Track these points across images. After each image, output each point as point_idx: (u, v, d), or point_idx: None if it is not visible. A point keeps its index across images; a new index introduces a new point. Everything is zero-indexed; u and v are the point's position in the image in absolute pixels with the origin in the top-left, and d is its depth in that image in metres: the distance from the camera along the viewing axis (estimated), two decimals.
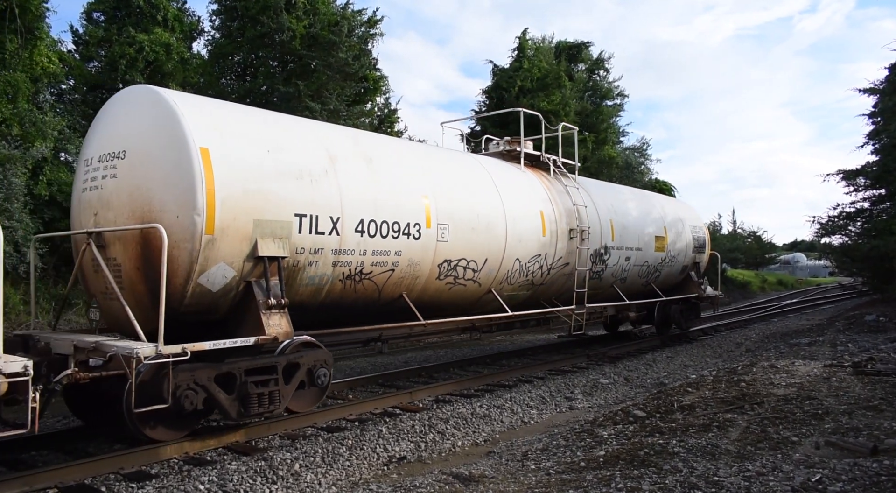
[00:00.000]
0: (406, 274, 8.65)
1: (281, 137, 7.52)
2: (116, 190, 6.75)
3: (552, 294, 11.90)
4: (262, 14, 19.42)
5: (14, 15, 14.16)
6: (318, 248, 7.46)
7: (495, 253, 9.97)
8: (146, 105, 6.89)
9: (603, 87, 33.27)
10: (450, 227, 9.14)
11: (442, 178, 9.49)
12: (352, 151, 8.30)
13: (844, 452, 5.37)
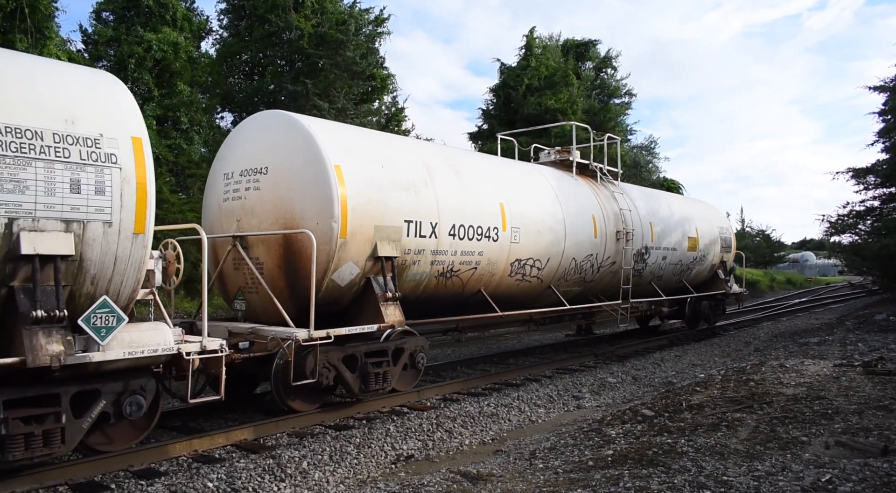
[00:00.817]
0: (485, 272, 9.95)
1: (390, 154, 8.85)
2: (260, 200, 8.08)
3: (599, 291, 13.06)
4: (270, 13, 19.46)
5: (24, 14, 14.24)
6: (420, 249, 8.80)
7: (556, 253, 11.22)
8: (283, 128, 8.19)
9: (610, 85, 33.21)
10: (521, 230, 10.39)
11: (513, 186, 10.71)
12: (443, 164, 9.63)
13: (855, 452, 5.34)
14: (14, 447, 5.16)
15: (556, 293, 11.60)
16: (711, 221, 17.37)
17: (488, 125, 28.92)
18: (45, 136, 5.23)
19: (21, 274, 5.14)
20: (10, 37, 14.24)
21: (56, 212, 5.24)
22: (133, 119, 5.83)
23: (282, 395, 7.56)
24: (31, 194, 5.09)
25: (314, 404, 7.92)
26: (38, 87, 5.41)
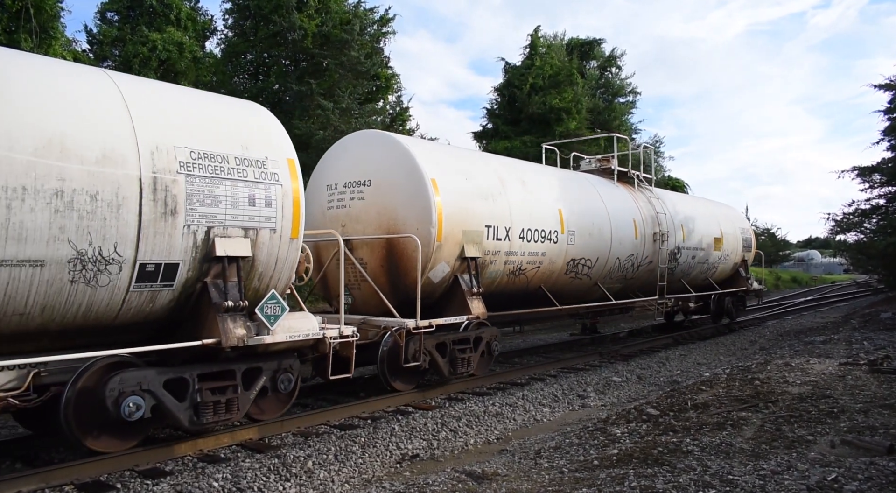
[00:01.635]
0: (546, 270, 11.24)
1: (470, 168, 10.16)
2: (364, 209, 9.45)
3: (637, 287, 14.28)
4: (275, 13, 19.48)
5: (29, 15, 14.29)
6: (497, 250, 10.11)
7: (603, 253, 12.49)
8: (382, 146, 9.56)
9: (615, 84, 33.17)
10: (576, 233, 11.69)
11: (567, 193, 11.96)
12: (512, 176, 10.90)
13: (860, 451, 5.33)
14: (206, 412, 6.40)
15: (602, 289, 12.91)
16: (734, 222, 18.72)
17: (493, 124, 28.91)
18: (230, 160, 6.54)
19: (213, 272, 6.40)
20: (16, 37, 14.29)
21: (239, 221, 6.56)
22: (286, 144, 7.22)
23: (387, 377, 8.80)
24: (222, 208, 6.40)
25: (411, 385, 9.15)
26: (222, 120, 6.79)
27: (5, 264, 5.10)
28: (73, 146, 5.44)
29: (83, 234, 5.50)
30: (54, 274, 5.41)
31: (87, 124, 5.60)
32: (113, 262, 5.73)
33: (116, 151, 5.70)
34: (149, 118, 6.05)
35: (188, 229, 6.17)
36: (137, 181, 5.80)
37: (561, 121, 26.66)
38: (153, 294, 6.16)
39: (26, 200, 5.15)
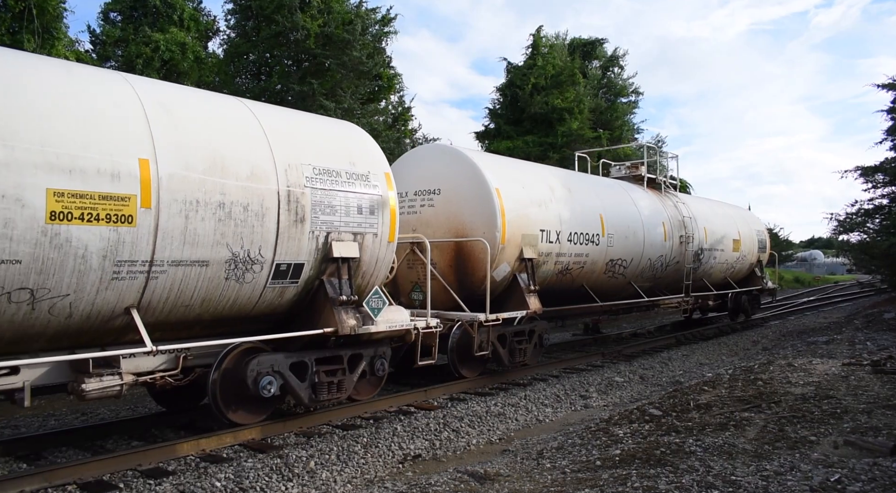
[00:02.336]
0: (588, 269, 12.23)
1: (525, 177, 11.18)
2: (434, 214, 10.50)
3: (664, 286, 15.12)
4: (277, 13, 19.48)
5: (32, 15, 14.31)
6: (549, 252, 11.07)
7: (637, 254, 13.45)
8: (450, 158, 10.61)
9: (617, 84, 33.11)
10: (614, 236, 12.66)
11: (606, 199, 12.97)
12: (560, 184, 11.92)
13: (863, 451, 5.32)
14: (322, 390, 7.44)
15: (635, 287, 13.88)
16: (750, 224, 19.88)
17: (495, 124, 28.89)
18: (342, 174, 7.60)
19: (329, 270, 7.46)
20: (19, 37, 14.32)
21: (350, 227, 7.60)
22: (382, 159, 8.32)
23: (456, 365, 9.93)
24: (338, 216, 7.46)
25: (476, 372, 10.29)
26: (333, 139, 7.94)
27: (181, 264, 6.17)
28: (231, 166, 6.50)
29: (237, 239, 6.56)
30: (214, 272, 6.45)
31: (239, 147, 6.70)
32: (257, 262, 6.79)
33: (261, 168, 6.77)
34: (281, 140, 7.16)
35: (312, 234, 7.22)
36: (276, 194, 6.87)
37: (563, 121, 26.62)
38: (283, 290, 7.22)
39: (199, 211, 6.20)
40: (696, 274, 16.07)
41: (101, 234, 5.60)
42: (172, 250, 6.06)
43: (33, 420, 8.29)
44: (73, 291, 5.56)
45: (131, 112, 6.02)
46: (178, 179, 6.07)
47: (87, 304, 5.72)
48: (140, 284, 5.97)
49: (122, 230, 5.73)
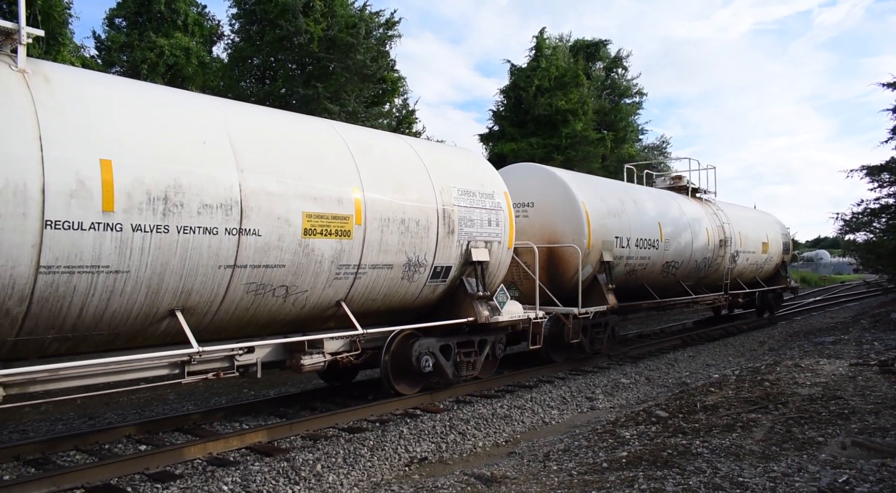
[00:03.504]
0: (649, 270, 14.06)
1: (601, 191, 13.10)
2: (529, 224, 12.27)
3: (704, 285, 16.99)
4: (281, 17, 19.51)
5: (38, 21, 14.37)
6: (621, 256, 12.90)
7: (686, 256, 15.35)
8: (541, 176, 12.55)
9: (621, 85, 33.05)
10: (670, 240, 14.51)
11: (661, 208, 14.86)
12: (628, 196, 13.83)
13: (872, 452, 5.30)
14: (461, 368, 9.42)
15: (684, 286, 15.81)
16: (775, 228, 21.98)
17: (499, 126, 28.87)
18: (477, 194, 9.54)
19: (467, 271, 9.30)
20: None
21: (483, 237, 9.51)
22: (501, 181, 10.30)
23: (548, 351, 11.59)
24: (476, 228, 9.37)
25: (562, 358, 12.04)
26: (467, 165, 9.96)
27: (376, 267, 8.03)
28: (407, 191, 8.43)
29: (412, 247, 8.43)
30: (395, 273, 8.32)
31: (411, 176, 8.64)
32: (422, 265, 8.65)
33: (425, 192, 8.70)
34: (436, 169, 9.08)
35: (458, 243, 9.07)
36: (436, 211, 8.77)
37: (567, 122, 26.58)
38: (435, 287, 9.07)
39: (389, 226, 8.08)
40: (732, 274, 17.96)
41: (332, 245, 7.43)
42: (372, 256, 7.94)
43: (41, 425, 8.32)
44: (310, 287, 7.39)
45: (344, 152, 7.93)
46: (376, 203, 7.95)
47: (316, 297, 7.56)
48: (349, 282, 7.84)
49: (344, 242, 7.56)
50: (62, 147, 5.43)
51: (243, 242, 6.56)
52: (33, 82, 5.64)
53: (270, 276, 6.89)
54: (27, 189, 5.15)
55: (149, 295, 6.06)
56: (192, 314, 6.47)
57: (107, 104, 6.01)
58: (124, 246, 5.73)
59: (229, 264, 6.51)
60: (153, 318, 6.25)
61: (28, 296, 5.30)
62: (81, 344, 6.06)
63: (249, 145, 6.88)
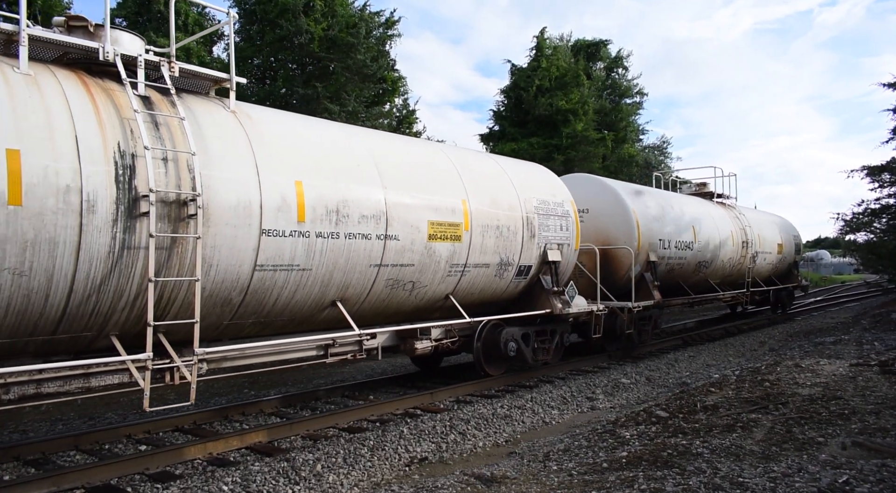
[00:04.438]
0: (684, 269, 15.66)
1: (647, 198, 14.63)
2: (584, 228, 13.14)
3: (728, 283, 18.47)
4: (281, 17, 19.51)
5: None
6: (663, 256, 14.40)
7: (715, 257, 16.95)
8: (596, 185, 14.00)
9: (622, 85, 33.03)
10: (702, 242, 16.15)
11: (696, 213, 16.52)
12: (667, 202, 15.45)
13: (872, 452, 5.29)
14: (538, 353, 10.82)
15: (712, 283, 17.47)
16: (788, 230, 23.47)
17: (499, 126, 28.85)
18: (550, 203, 11.11)
19: (543, 269, 10.85)
20: None
21: (556, 240, 11.07)
22: (567, 191, 11.84)
23: (605, 342, 13.04)
24: (550, 232, 10.92)
25: (614, 345, 13.38)
26: (541, 178, 11.68)
27: (477, 266, 9.58)
28: (499, 202, 10.06)
29: (504, 249, 10.01)
30: (490, 272, 9.89)
31: (501, 189, 10.27)
32: (510, 265, 10.23)
33: (513, 202, 10.35)
34: (519, 182, 10.74)
35: (538, 245, 10.65)
36: (521, 219, 10.38)
37: (568, 122, 26.56)
38: (518, 283, 10.63)
39: (487, 232, 9.67)
40: (751, 273, 19.55)
41: (447, 247, 8.98)
42: (475, 257, 9.49)
43: (41, 425, 8.32)
44: (429, 282, 8.93)
45: (452, 170, 9.55)
46: (478, 212, 9.53)
47: (433, 291, 9.09)
48: (457, 279, 9.36)
49: (456, 245, 9.12)
50: (271, 172, 6.90)
51: (387, 245, 8.13)
52: (242, 121, 7.12)
53: (403, 273, 8.45)
54: (251, 205, 6.62)
55: (321, 288, 7.54)
56: (347, 304, 7.95)
57: (292, 135, 7.59)
58: (310, 249, 7.22)
59: (376, 263, 8.07)
60: (320, 307, 7.74)
61: (245, 288, 6.77)
62: (267, 328, 7.45)
63: (388, 167, 8.45)
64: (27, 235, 5.18)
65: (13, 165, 5.12)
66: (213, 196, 6.32)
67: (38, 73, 5.75)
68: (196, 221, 6.09)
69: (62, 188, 5.35)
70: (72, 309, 5.63)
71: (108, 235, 5.61)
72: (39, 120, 5.41)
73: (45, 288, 5.37)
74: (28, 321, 5.43)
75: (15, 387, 5.46)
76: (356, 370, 12.57)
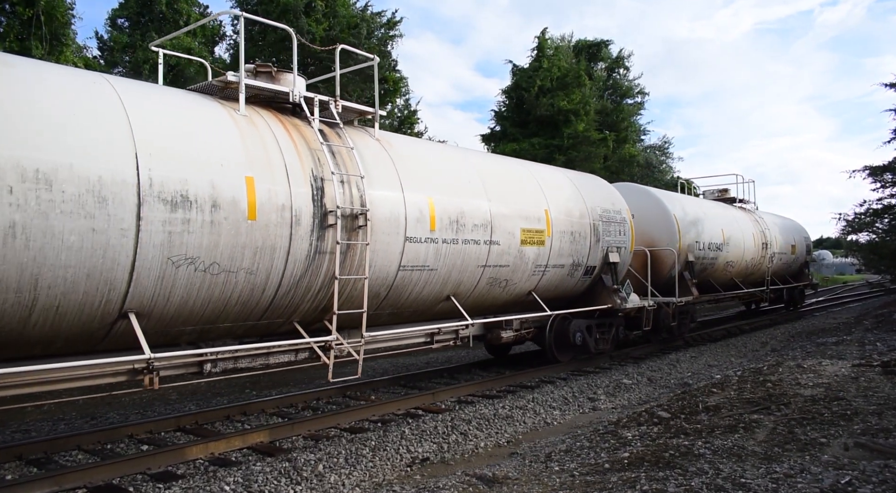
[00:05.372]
0: (715, 269, 17.11)
1: (685, 205, 16.23)
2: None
3: (748, 282, 19.87)
4: (282, 18, 19.53)
5: (40, 22, 14.39)
6: (699, 256, 15.85)
7: (740, 257, 18.38)
8: (640, 193, 15.44)
9: (623, 85, 33.04)
10: (730, 244, 17.54)
11: (724, 217, 18.11)
12: (700, 208, 17.07)
13: (874, 453, 5.29)
14: (599, 343, 12.30)
15: (737, 282, 18.95)
16: (800, 232, 24.72)
17: (501, 126, 28.85)
18: (611, 211, 12.61)
19: (605, 269, 12.31)
20: (27, 44, 14.39)
21: (615, 243, 12.57)
22: (623, 201, 13.34)
23: (651, 334, 14.55)
24: (611, 237, 12.37)
25: (658, 336, 14.86)
26: (600, 189, 13.02)
27: (554, 267, 11.02)
28: (572, 211, 11.54)
29: (575, 252, 11.50)
30: (564, 272, 11.39)
31: (572, 201, 11.72)
32: (580, 265, 11.71)
33: (583, 211, 11.85)
34: (586, 194, 12.21)
35: (602, 249, 12.11)
36: (589, 226, 11.85)
37: (569, 123, 26.57)
38: (584, 281, 12.11)
39: (563, 237, 11.09)
40: (770, 272, 20.99)
41: (534, 250, 10.46)
42: (553, 258, 10.91)
43: (43, 424, 8.33)
44: (519, 281, 10.39)
45: (535, 183, 11.04)
46: (557, 220, 10.99)
47: (520, 288, 10.56)
48: (539, 277, 10.83)
49: (540, 249, 10.58)
50: (411, 191, 8.41)
51: (491, 249, 9.60)
52: (385, 147, 8.64)
53: (500, 272, 9.90)
54: (399, 218, 8.15)
55: (441, 285, 9.02)
56: (458, 298, 9.40)
57: (422, 158, 9.17)
58: (437, 253, 8.69)
59: (482, 264, 9.54)
60: (438, 300, 9.20)
61: (390, 285, 8.28)
62: (396, 318, 8.90)
63: (491, 182, 9.94)
64: (257, 242, 6.57)
65: (250, 189, 6.54)
66: (374, 210, 7.78)
67: (250, 114, 7.20)
68: (365, 230, 7.61)
69: (279, 206, 6.76)
70: (276, 300, 7.05)
71: (307, 242, 7.06)
72: (260, 153, 6.81)
73: (263, 284, 6.77)
74: (248, 310, 6.85)
75: (220, 363, 6.83)
76: None
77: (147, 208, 5.72)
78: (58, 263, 5.26)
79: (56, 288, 5.31)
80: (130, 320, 5.86)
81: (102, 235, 5.47)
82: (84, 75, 6.19)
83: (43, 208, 5.14)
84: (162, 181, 5.85)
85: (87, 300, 5.55)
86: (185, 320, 6.44)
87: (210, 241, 6.18)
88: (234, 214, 6.34)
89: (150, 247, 5.76)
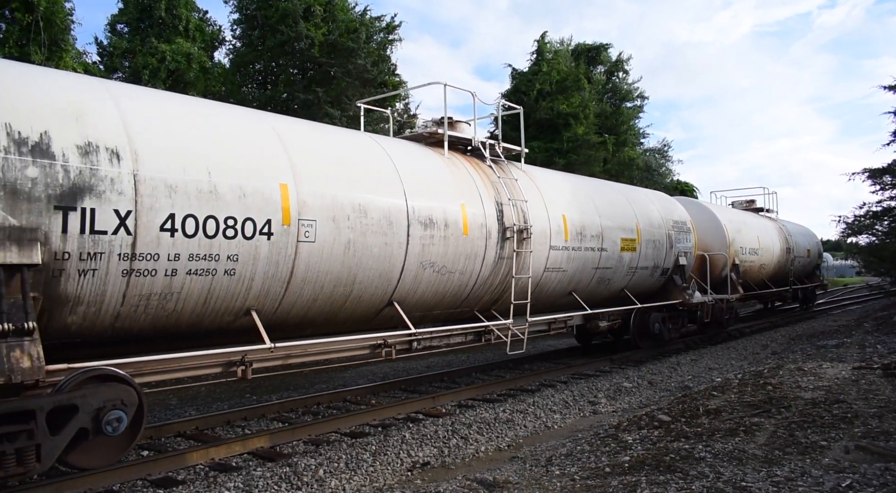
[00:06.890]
0: (752, 270, 19.39)
1: (731, 215, 18.82)
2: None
3: (774, 282, 21.98)
4: (282, 23, 19.56)
5: (40, 28, 14.42)
6: (742, 260, 18.24)
7: (771, 260, 20.99)
8: (693, 205, 17.80)
9: (622, 88, 33.04)
10: (763, 249, 20.14)
11: (757, 226, 20.67)
12: (740, 217, 19.58)
13: (875, 456, 5.28)
14: (671, 332, 14.97)
15: (767, 282, 21.40)
16: (812, 238, 27.22)
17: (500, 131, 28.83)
18: (679, 222, 15.03)
19: (674, 270, 14.56)
20: (26, 50, 14.43)
21: (683, 249, 14.81)
22: (686, 213, 15.62)
23: (707, 327, 16.63)
24: (681, 244, 14.75)
25: (711, 329, 17.07)
26: (666, 203, 15.30)
27: (642, 268, 13.31)
28: (653, 223, 13.82)
29: (656, 257, 13.72)
30: (647, 273, 13.64)
31: (655, 213, 14.12)
32: (658, 267, 13.90)
33: (661, 223, 14.14)
34: (661, 208, 14.54)
35: (674, 254, 14.31)
36: (665, 235, 14.19)
37: (569, 126, 26.60)
38: (660, 280, 14.29)
39: (648, 245, 13.38)
40: (792, 273, 23.25)
41: (629, 256, 12.78)
42: (641, 262, 13.21)
43: None
44: (617, 280, 12.88)
45: (625, 200, 13.45)
46: (644, 231, 13.24)
47: (616, 286, 12.99)
48: (630, 277, 13.09)
49: (632, 254, 12.84)
50: (551, 209, 10.81)
51: (601, 255, 11.86)
52: (529, 176, 11.11)
53: (605, 273, 12.18)
54: (546, 231, 10.50)
55: (567, 283, 11.42)
56: (577, 294, 11.76)
57: (554, 183, 11.64)
58: (568, 257, 11.08)
59: (595, 267, 11.83)
60: (562, 295, 11.53)
61: (537, 283, 10.47)
62: (533, 308, 10.35)
63: (599, 201, 12.33)
64: (467, 251, 9.01)
65: (463, 212, 9.00)
66: (531, 226, 10.06)
67: (450, 156, 9.79)
68: (529, 241, 9.99)
69: (479, 225, 9.21)
70: (472, 293, 9.47)
71: (494, 250, 9.47)
72: (464, 185, 9.33)
73: (466, 281, 9.20)
74: (455, 300, 9.30)
75: (423, 341, 8.94)
76: (357, 375, 12.56)
77: (412, 228, 8.21)
78: (367, 266, 7.67)
79: (363, 284, 7.72)
80: (395, 307, 8.32)
81: (389, 247, 7.88)
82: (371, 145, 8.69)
83: (362, 229, 7.54)
84: (417, 209, 8.32)
85: (377, 292, 8.00)
86: (419, 307, 8.80)
87: (442, 250, 8.61)
88: (456, 231, 8.81)
89: (412, 255, 8.21)
